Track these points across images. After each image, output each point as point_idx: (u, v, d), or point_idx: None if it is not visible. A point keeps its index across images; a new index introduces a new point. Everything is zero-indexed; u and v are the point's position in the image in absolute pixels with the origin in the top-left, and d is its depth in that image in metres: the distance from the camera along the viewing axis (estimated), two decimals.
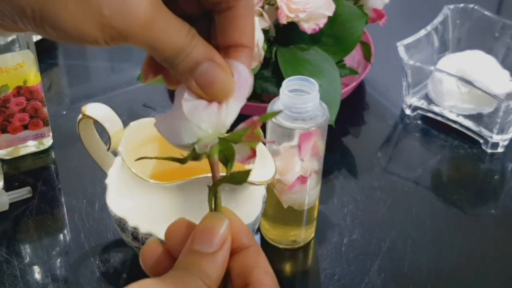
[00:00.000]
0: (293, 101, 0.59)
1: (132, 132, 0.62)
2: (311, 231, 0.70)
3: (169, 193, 0.59)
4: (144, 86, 0.88)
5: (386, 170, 0.81)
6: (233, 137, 0.36)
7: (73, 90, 0.94)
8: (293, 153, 0.62)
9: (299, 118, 0.60)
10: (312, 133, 0.60)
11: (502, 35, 0.90)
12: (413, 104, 0.87)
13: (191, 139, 0.35)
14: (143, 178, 0.59)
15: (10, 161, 0.79)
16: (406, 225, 0.73)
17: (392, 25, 0.88)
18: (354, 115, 0.88)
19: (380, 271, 0.68)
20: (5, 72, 0.72)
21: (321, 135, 0.62)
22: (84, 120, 0.64)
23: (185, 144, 0.36)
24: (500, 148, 0.83)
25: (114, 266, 0.68)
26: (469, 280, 0.69)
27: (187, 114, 0.34)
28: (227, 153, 0.37)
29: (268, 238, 0.70)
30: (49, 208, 0.73)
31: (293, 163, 0.62)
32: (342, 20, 0.80)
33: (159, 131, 0.36)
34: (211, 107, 0.35)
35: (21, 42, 0.71)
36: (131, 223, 0.60)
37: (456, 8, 0.91)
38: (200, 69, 0.34)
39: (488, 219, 0.76)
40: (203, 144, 0.35)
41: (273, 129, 0.61)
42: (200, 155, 0.36)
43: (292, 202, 0.65)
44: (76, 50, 1.00)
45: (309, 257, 0.70)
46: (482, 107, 0.84)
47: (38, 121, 0.78)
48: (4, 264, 0.67)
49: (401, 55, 0.84)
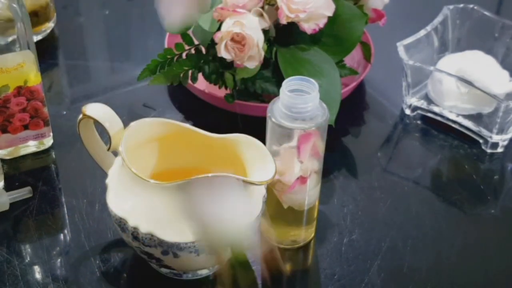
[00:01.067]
0: (293, 101, 0.59)
1: (132, 132, 0.63)
2: (311, 231, 0.70)
3: (169, 193, 0.59)
4: (144, 86, 0.88)
5: (386, 170, 0.81)
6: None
7: (74, 90, 0.94)
8: (293, 153, 0.62)
9: (299, 118, 0.60)
10: (311, 135, 0.60)
11: (501, 35, 0.90)
12: (413, 104, 0.87)
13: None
14: (143, 178, 0.59)
15: (11, 161, 0.79)
16: (406, 225, 0.73)
17: (392, 25, 0.88)
18: (354, 115, 0.89)
19: (380, 271, 0.68)
20: (5, 72, 0.72)
21: (321, 135, 0.62)
22: (84, 120, 0.64)
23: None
24: (499, 148, 0.83)
25: (114, 266, 0.68)
26: (469, 280, 0.69)
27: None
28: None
29: (268, 238, 0.70)
30: (49, 208, 0.73)
31: (293, 163, 0.62)
32: (342, 20, 0.80)
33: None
34: None
35: (21, 42, 0.71)
36: (131, 223, 0.60)
37: (456, 8, 0.92)
38: None
39: (487, 219, 0.76)
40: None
41: (273, 129, 0.62)
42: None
43: (292, 203, 0.65)
44: (76, 50, 1.00)
45: (309, 257, 0.71)
46: (481, 107, 0.84)
47: (39, 121, 0.78)
48: (4, 264, 0.67)
49: (401, 55, 0.84)
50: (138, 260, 0.68)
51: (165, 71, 0.82)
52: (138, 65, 0.84)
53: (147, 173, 0.64)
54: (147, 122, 0.64)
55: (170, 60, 0.82)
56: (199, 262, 0.62)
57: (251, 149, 0.61)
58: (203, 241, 0.59)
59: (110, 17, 1.08)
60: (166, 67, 0.82)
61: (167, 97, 0.90)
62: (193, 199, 0.59)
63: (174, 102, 0.89)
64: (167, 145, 0.65)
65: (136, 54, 1.01)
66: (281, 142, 0.62)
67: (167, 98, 0.90)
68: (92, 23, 1.08)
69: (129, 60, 1.00)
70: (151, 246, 0.60)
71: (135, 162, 0.60)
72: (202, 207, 0.59)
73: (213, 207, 0.57)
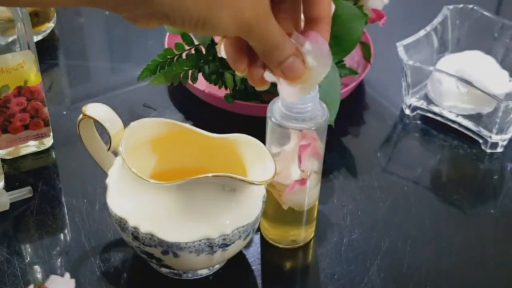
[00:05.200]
0: None
1: (132, 132, 0.63)
2: (311, 231, 0.70)
3: (169, 193, 0.59)
4: (144, 86, 0.88)
5: (386, 170, 0.81)
6: None
7: (74, 90, 0.94)
8: (293, 155, 0.62)
9: (299, 118, 0.60)
10: (310, 144, 0.60)
11: (501, 35, 0.90)
12: (413, 104, 0.87)
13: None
14: (143, 178, 0.59)
15: (11, 161, 0.79)
16: (405, 225, 0.74)
17: (391, 26, 0.88)
18: (354, 115, 0.89)
19: (379, 270, 0.68)
20: (5, 72, 0.72)
21: (321, 135, 0.62)
22: (84, 120, 0.64)
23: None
24: (499, 148, 0.83)
25: (114, 265, 0.68)
26: (469, 279, 0.69)
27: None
28: None
29: (268, 238, 0.70)
30: (49, 208, 0.73)
31: (293, 165, 0.62)
32: (342, 21, 0.80)
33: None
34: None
35: (21, 42, 0.71)
36: (132, 223, 0.60)
37: (455, 9, 0.92)
38: (287, 62, 0.45)
39: (487, 219, 0.76)
40: None
41: (272, 129, 0.62)
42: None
43: (292, 203, 0.65)
44: (76, 50, 1.00)
45: (309, 257, 0.71)
46: (481, 107, 0.84)
47: (39, 121, 0.78)
48: (4, 264, 0.67)
49: (400, 55, 0.84)
50: (138, 260, 0.68)
51: (165, 71, 0.82)
52: (138, 65, 0.84)
53: (147, 173, 0.64)
54: (147, 122, 0.64)
55: (170, 60, 0.83)
56: (199, 262, 0.62)
57: (251, 149, 0.61)
58: None
59: (110, 17, 1.08)
60: (166, 67, 0.82)
61: (167, 97, 0.90)
62: (193, 199, 0.59)
63: (174, 102, 0.89)
64: (167, 145, 0.65)
65: (136, 54, 1.01)
66: (281, 142, 0.62)
67: (167, 98, 0.90)
68: (92, 23, 1.08)
69: (129, 60, 1.00)
70: (151, 246, 0.60)
71: (135, 162, 0.60)
72: (202, 207, 0.59)
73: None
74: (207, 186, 0.59)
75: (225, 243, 0.60)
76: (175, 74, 0.82)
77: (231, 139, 0.62)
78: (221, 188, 0.59)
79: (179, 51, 0.83)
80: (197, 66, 0.82)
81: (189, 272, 0.66)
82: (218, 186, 0.59)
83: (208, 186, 0.59)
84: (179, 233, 0.59)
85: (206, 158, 0.64)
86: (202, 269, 0.66)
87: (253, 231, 0.63)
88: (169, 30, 0.87)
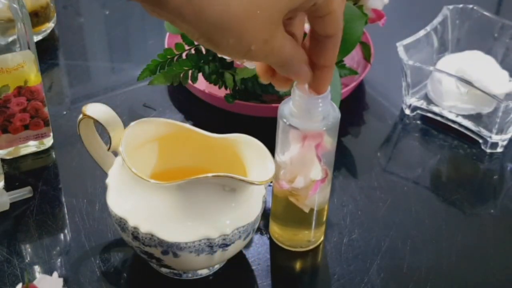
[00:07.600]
0: (304, 101, 0.58)
1: (132, 132, 0.63)
2: (321, 233, 0.70)
3: (169, 193, 0.59)
4: (144, 86, 0.88)
5: (386, 170, 0.81)
6: None
7: (74, 90, 0.94)
8: (302, 157, 0.61)
9: (311, 118, 0.59)
10: (321, 141, 0.60)
11: (501, 35, 0.90)
12: (413, 104, 0.87)
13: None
14: (143, 178, 0.59)
15: (11, 161, 0.79)
16: (405, 224, 0.74)
17: (391, 26, 0.88)
18: (354, 115, 0.89)
19: (379, 270, 0.68)
20: (5, 72, 0.72)
21: (333, 133, 0.61)
22: (84, 120, 0.64)
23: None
24: (499, 148, 0.83)
25: (114, 265, 0.68)
26: (469, 279, 0.69)
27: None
28: None
29: (278, 241, 0.70)
30: (49, 208, 0.73)
31: (305, 167, 0.62)
32: None
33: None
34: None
35: (21, 42, 0.71)
36: (132, 223, 0.60)
37: (455, 9, 0.92)
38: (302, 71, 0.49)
39: (487, 219, 0.76)
40: None
41: (284, 130, 0.61)
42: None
43: (313, 204, 0.65)
44: (76, 50, 1.00)
45: (309, 257, 0.71)
46: (481, 107, 0.84)
47: (39, 121, 0.78)
48: (4, 264, 0.67)
49: (400, 55, 0.84)
50: (138, 260, 0.68)
51: (165, 71, 0.82)
52: (138, 65, 0.84)
53: (147, 173, 0.64)
54: (147, 122, 0.64)
55: (170, 60, 0.83)
56: (199, 262, 0.62)
57: (251, 149, 0.61)
58: None
59: (110, 17, 1.08)
60: (166, 67, 0.82)
61: (167, 97, 0.90)
62: (193, 199, 0.59)
63: (174, 102, 0.89)
64: (167, 145, 0.65)
65: (136, 54, 1.01)
66: (293, 143, 0.61)
67: (167, 98, 0.90)
68: (92, 23, 1.08)
69: (129, 60, 1.00)
70: (151, 246, 0.60)
71: (135, 162, 0.60)
72: (202, 207, 0.59)
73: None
74: (207, 186, 0.59)
75: (225, 243, 0.60)
76: (175, 74, 0.82)
77: (231, 139, 0.62)
78: (221, 188, 0.59)
79: (179, 51, 0.83)
80: (197, 66, 0.82)
81: (189, 272, 0.66)
82: (218, 186, 0.59)
83: (208, 186, 0.59)
84: (179, 233, 0.59)
85: (206, 158, 0.64)
86: (202, 269, 0.66)
87: (253, 231, 0.63)
88: (169, 30, 0.87)
